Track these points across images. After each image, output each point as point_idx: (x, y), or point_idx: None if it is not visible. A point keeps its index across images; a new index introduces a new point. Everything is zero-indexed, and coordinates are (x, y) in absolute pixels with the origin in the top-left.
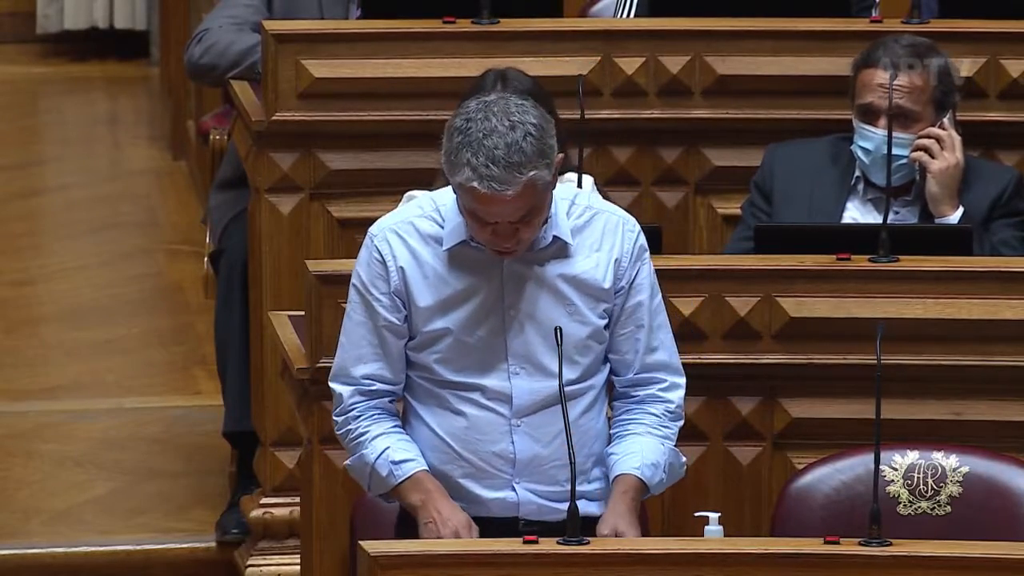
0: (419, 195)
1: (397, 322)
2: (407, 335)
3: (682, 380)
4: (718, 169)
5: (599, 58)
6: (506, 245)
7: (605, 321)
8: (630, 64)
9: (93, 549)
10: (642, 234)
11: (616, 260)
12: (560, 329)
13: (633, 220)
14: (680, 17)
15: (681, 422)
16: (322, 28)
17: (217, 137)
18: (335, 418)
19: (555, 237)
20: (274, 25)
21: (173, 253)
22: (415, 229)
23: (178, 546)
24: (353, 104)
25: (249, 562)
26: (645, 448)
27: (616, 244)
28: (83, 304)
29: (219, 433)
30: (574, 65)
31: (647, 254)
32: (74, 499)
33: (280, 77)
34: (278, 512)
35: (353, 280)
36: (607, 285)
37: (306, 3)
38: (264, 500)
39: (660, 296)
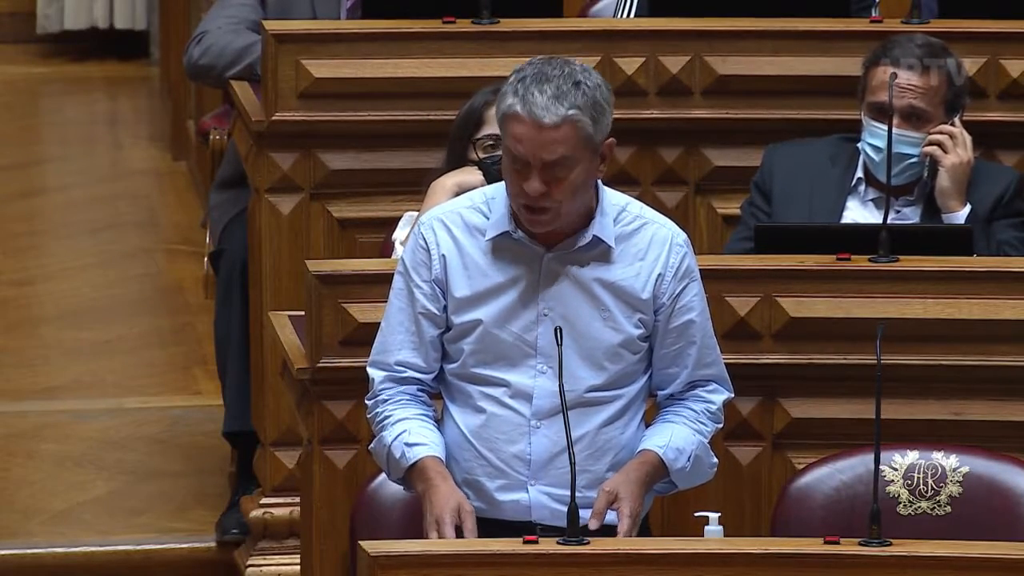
0: (416, 215)
1: (435, 311)
2: (444, 325)
3: (729, 389)
4: (718, 169)
5: (599, 58)
6: (535, 197)
7: (641, 331)
8: (630, 64)
9: (93, 549)
10: (691, 255)
11: (659, 275)
12: (560, 329)
13: (684, 237)
14: (680, 17)
15: (719, 425)
16: (322, 28)
17: (217, 137)
18: (366, 402)
19: (596, 238)
20: (274, 25)
21: (173, 253)
22: (462, 219)
23: (178, 546)
24: (353, 104)
25: (249, 562)
26: (675, 433)
27: (661, 258)
28: (83, 304)
29: (219, 433)
30: None
31: (696, 274)
32: (74, 499)
33: (280, 77)
34: (278, 512)
35: (398, 267)
36: (645, 296)
37: (298, 1)
38: (264, 500)
39: (709, 315)
